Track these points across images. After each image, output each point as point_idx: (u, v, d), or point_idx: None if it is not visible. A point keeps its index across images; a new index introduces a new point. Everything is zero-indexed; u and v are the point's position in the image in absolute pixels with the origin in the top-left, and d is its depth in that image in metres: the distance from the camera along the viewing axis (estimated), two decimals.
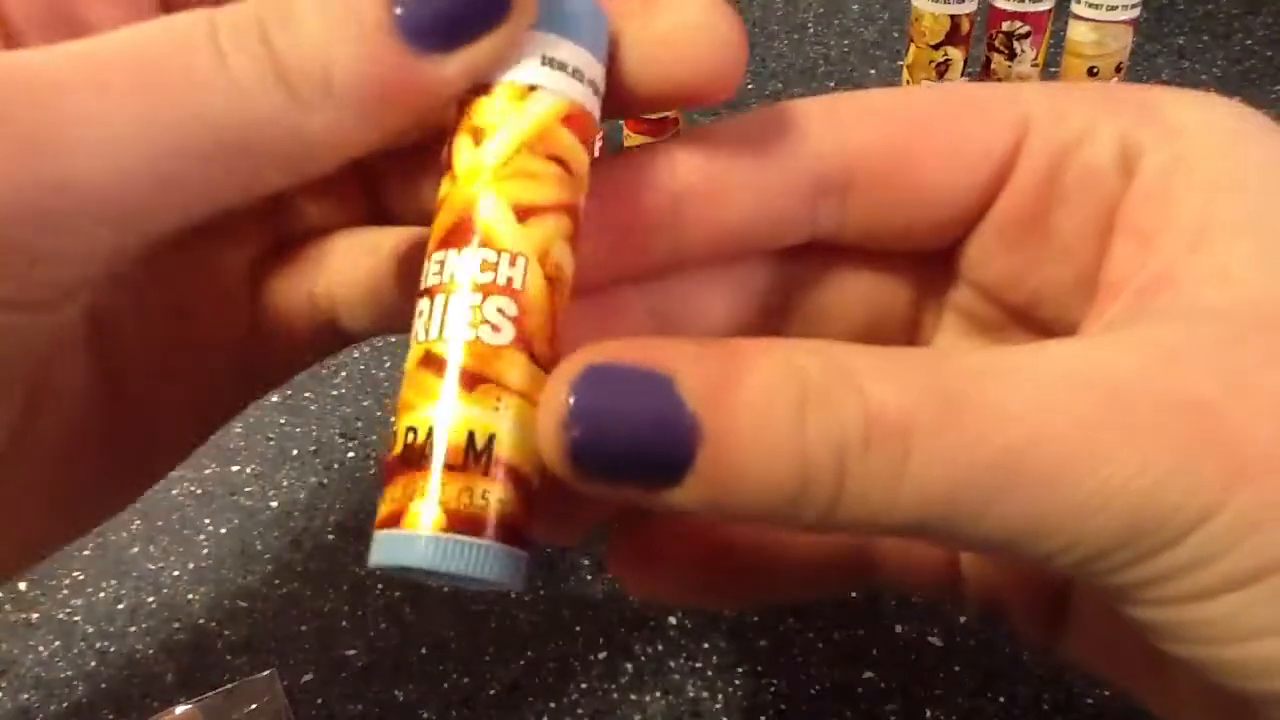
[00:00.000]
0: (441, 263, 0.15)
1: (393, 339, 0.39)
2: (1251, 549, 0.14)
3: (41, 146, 0.13)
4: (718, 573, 0.20)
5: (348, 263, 0.20)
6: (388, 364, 0.38)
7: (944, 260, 0.20)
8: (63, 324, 0.16)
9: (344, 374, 0.38)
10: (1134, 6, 0.43)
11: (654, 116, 0.45)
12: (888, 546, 0.20)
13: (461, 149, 0.15)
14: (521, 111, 0.15)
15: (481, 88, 0.15)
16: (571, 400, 0.14)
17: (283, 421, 0.36)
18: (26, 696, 0.27)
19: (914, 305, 0.20)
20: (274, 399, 0.36)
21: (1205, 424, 0.14)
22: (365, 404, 0.36)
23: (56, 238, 0.14)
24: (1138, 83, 0.55)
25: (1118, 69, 0.44)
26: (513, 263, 0.15)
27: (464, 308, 0.15)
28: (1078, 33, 0.44)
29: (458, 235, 0.15)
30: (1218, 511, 0.14)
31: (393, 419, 0.15)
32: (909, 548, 0.20)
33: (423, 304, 0.15)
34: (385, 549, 0.14)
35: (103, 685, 0.27)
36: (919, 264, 0.20)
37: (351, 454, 0.34)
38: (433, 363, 0.15)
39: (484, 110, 0.15)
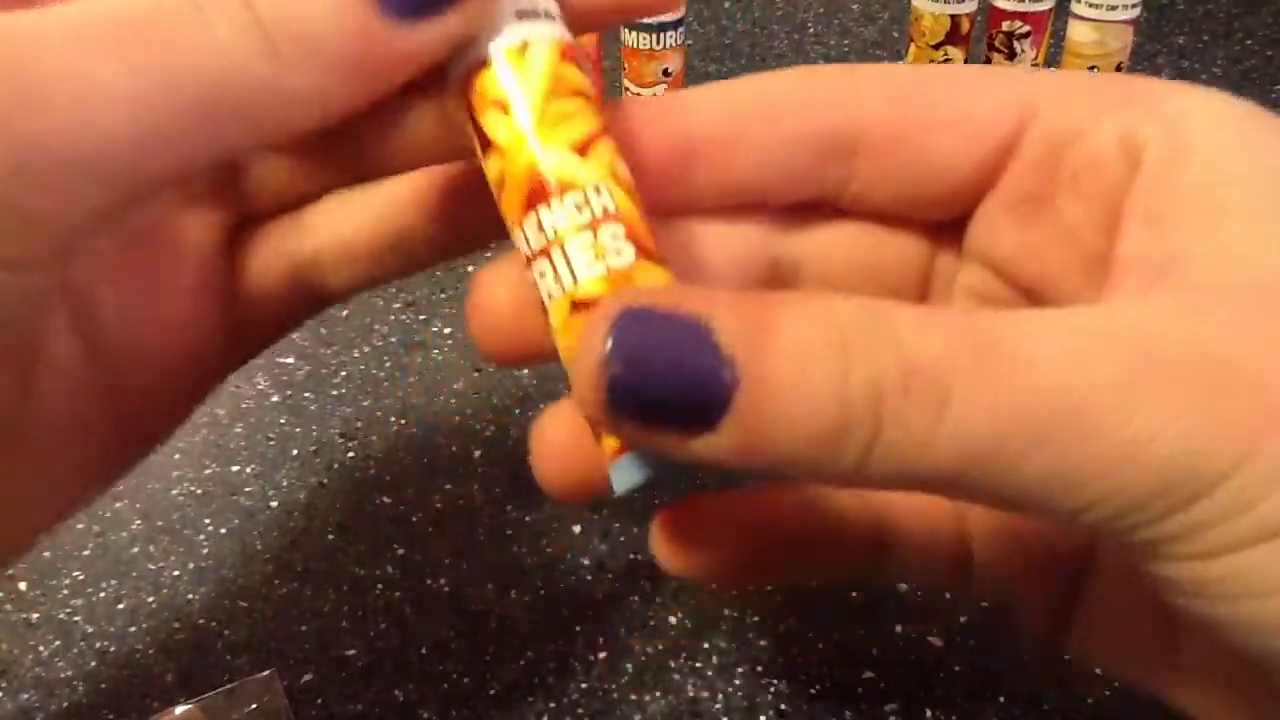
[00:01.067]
0: (538, 224, 0.16)
1: (393, 339, 0.39)
2: None
3: (24, 103, 0.14)
4: (752, 550, 0.21)
5: (335, 223, 0.20)
6: (388, 364, 0.38)
7: (953, 239, 0.20)
8: (51, 289, 0.16)
9: (344, 374, 0.38)
10: (1134, 6, 0.43)
11: None
12: (903, 525, 0.21)
13: (495, 124, 0.16)
14: (528, 69, 0.16)
15: (477, 65, 0.16)
16: (610, 341, 0.14)
17: (283, 421, 0.36)
18: (26, 696, 0.27)
19: (922, 281, 0.20)
20: (274, 399, 0.37)
21: (1233, 377, 0.14)
22: (365, 404, 0.36)
23: (44, 195, 0.14)
24: None
25: (1118, 69, 0.44)
26: (598, 192, 0.16)
27: (583, 248, 0.16)
28: (1078, 32, 0.44)
29: (538, 195, 0.16)
30: (1247, 462, 0.14)
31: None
32: (924, 528, 0.21)
33: (541, 266, 0.16)
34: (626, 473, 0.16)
35: (103, 685, 0.27)
36: (929, 239, 0.20)
37: (351, 454, 0.34)
38: (583, 307, 0.16)
39: (494, 83, 0.16)
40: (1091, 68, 0.44)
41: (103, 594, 0.30)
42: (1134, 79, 0.19)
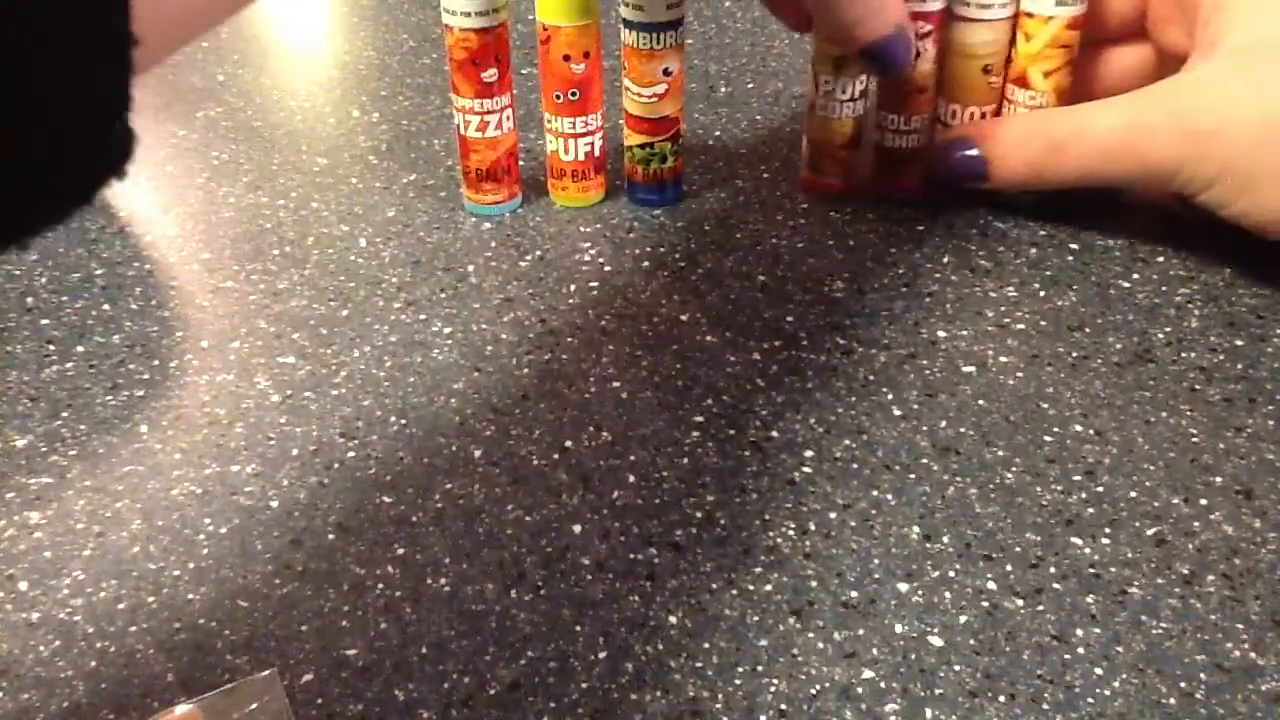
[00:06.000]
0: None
1: (393, 339, 0.39)
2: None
3: None
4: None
5: None
6: (388, 364, 0.38)
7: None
8: None
9: (344, 374, 0.38)
10: (1006, 6, 0.42)
11: (654, 117, 0.45)
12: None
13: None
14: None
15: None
16: (945, 150, 0.45)
17: (283, 421, 0.36)
18: (26, 696, 0.27)
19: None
20: (274, 399, 0.37)
21: (1206, 105, 0.39)
22: (365, 404, 0.36)
23: None
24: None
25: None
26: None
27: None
28: (961, 33, 0.43)
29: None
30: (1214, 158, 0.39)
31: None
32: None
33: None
34: None
35: (103, 685, 0.27)
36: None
37: (351, 454, 0.34)
38: None
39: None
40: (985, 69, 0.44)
41: (103, 594, 0.30)
42: None
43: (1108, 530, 0.31)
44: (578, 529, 0.31)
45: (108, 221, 0.47)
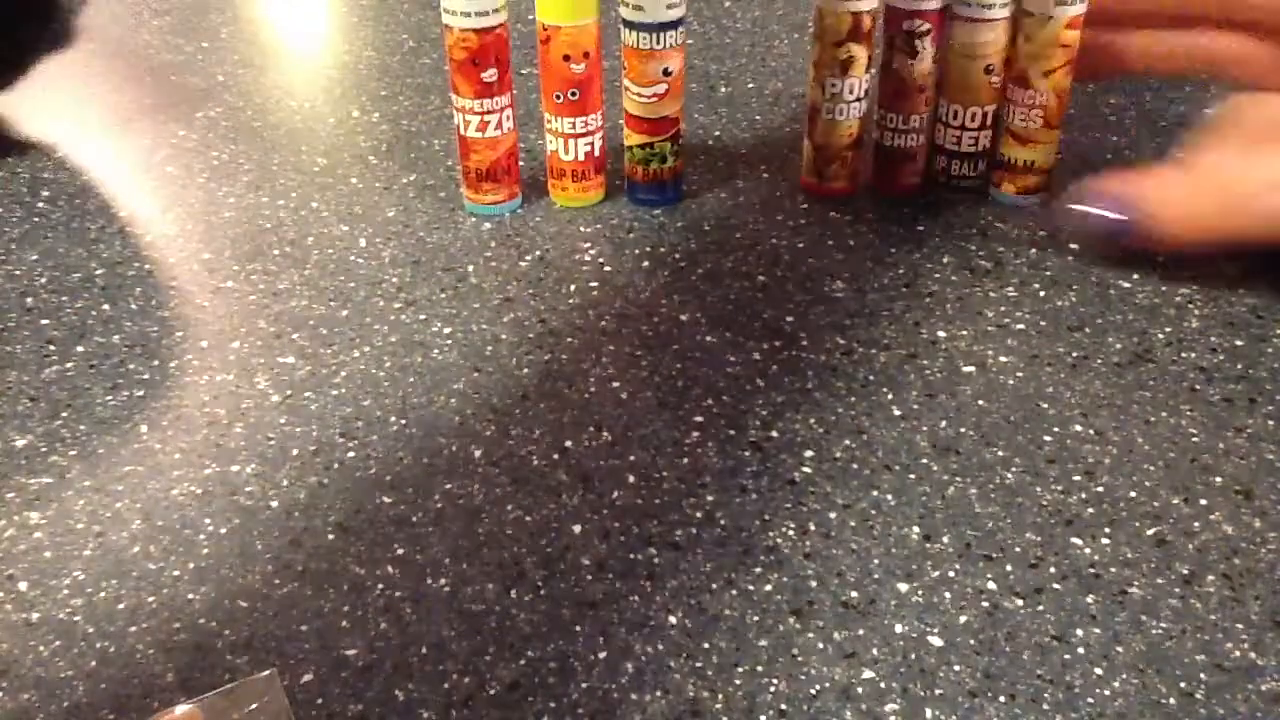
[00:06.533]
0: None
1: (393, 339, 0.39)
2: None
3: None
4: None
5: None
6: (387, 364, 0.38)
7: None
8: None
9: (344, 374, 0.38)
10: (1006, 5, 0.42)
11: (654, 117, 0.45)
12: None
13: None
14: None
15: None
16: (1088, 207, 0.41)
17: (283, 421, 0.36)
18: (26, 696, 0.27)
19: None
20: (274, 399, 0.37)
21: None
22: (365, 404, 0.36)
23: None
24: (1127, 91, 0.55)
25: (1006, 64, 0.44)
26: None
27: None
28: (962, 32, 0.43)
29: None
30: None
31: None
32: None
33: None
34: None
35: (103, 685, 0.27)
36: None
37: (351, 454, 0.34)
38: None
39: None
40: (988, 68, 0.44)
41: (103, 594, 0.30)
42: None
43: (1108, 530, 0.31)
44: (578, 529, 0.31)
45: (108, 221, 0.47)
